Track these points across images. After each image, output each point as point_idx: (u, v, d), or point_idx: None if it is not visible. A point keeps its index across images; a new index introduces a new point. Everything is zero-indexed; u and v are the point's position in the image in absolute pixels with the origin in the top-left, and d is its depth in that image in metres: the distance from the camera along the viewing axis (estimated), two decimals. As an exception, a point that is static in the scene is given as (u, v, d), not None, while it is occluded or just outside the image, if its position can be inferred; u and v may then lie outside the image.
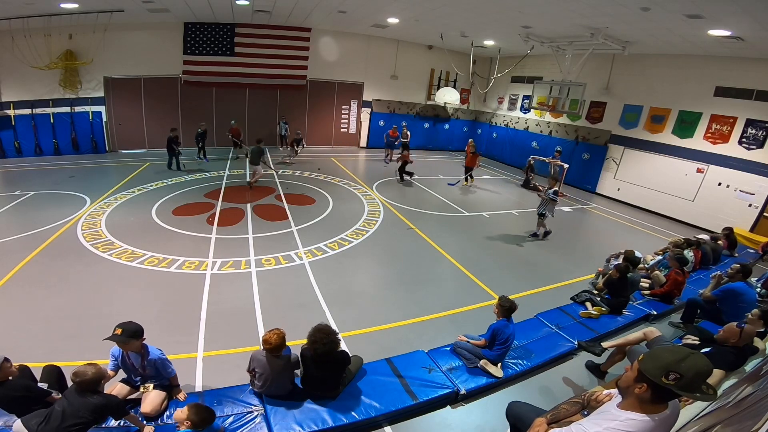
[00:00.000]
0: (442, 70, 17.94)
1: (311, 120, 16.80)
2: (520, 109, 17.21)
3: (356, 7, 11.34)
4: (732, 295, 5.17)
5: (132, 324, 3.18)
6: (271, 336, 3.34)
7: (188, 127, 14.82)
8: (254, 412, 3.37)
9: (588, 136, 14.08)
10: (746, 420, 1.80)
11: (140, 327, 3.20)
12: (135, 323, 3.20)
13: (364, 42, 16.08)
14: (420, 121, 18.60)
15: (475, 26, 11.95)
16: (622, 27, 9.19)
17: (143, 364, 3.26)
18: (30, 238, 6.74)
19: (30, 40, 11.15)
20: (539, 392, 4.14)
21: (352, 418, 3.40)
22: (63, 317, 4.71)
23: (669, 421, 1.82)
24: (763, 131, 9.68)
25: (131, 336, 3.12)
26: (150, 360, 3.26)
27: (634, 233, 10.11)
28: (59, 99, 12.36)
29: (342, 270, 6.53)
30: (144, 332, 3.21)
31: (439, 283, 6.42)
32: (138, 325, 3.20)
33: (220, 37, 13.81)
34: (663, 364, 1.73)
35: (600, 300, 5.63)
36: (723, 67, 10.19)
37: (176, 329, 4.68)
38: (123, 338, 3.09)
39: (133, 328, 3.16)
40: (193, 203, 9.07)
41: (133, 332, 3.14)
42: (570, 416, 2.37)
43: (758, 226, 9.82)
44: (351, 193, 10.87)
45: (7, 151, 12.01)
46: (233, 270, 6.15)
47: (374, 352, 4.36)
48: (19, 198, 8.58)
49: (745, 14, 6.78)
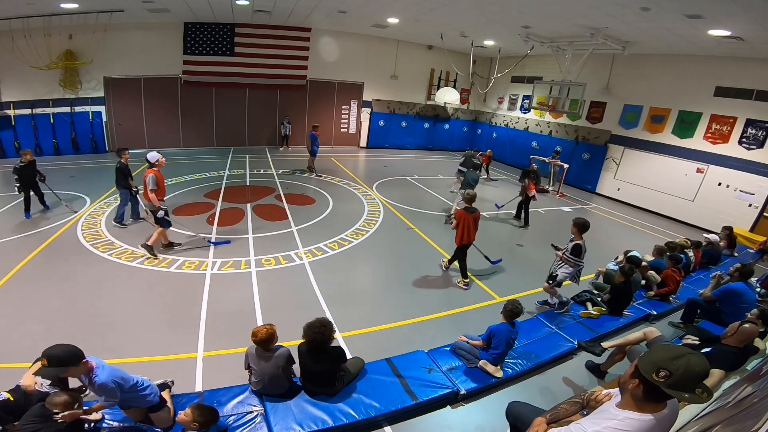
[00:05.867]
0: (442, 70, 17.95)
1: (311, 120, 16.76)
2: (520, 109, 17.21)
3: (356, 7, 11.34)
4: (732, 295, 5.17)
5: (58, 349, 2.49)
6: (260, 329, 3.37)
7: (189, 127, 14.89)
8: (254, 412, 3.37)
9: (588, 136, 14.09)
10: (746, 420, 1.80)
11: (72, 351, 2.52)
12: (64, 346, 2.53)
13: (364, 42, 16.09)
14: (420, 121, 18.62)
15: (475, 26, 11.95)
16: (622, 27, 9.18)
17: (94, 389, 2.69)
18: (30, 238, 6.74)
19: (30, 40, 11.15)
20: (539, 392, 4.14)
21: (352, 417, 3.40)
22: (63, 317, 4.72)
23: (668, 421, 1.81)
24: (763, 131, 9.68)
25: (60, 364, 2.46)
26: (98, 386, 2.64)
27: (634, 233, 10.11)
28: (59, 99, 12.37)
29: (342, 270, 6.52)
30: (82, 355, 2.57)
31: (439, 283, 6.42)
32: (68, 349, 2.51)
33: (220, 37, 13.82)
34: (655, 360, 1.71)
35: (601, 300, 5.63)
36: (723, 67, 10.19)
37: (176, 329, 4.68)
38: (51, 371, 2.46)
39: (59, 355, 2.45)
40: (193, 203, 9.07)
41: (62, 360, 2.46)
42: (569, 416, 2.36)
43: (758, 226, 9.82)
44: (351, 193, 10.87)
45: (7, 151, 12.01)
46: (233, 270, 6.15)
47: (374, 352, 4.36)
48: (19, 198, 8.57)
49: (745, 14, 6.78)
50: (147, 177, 6.14)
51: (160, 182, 6.27)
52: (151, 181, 6.11)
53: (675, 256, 6.32)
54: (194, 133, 15.02)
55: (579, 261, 5.30)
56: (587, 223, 5.30)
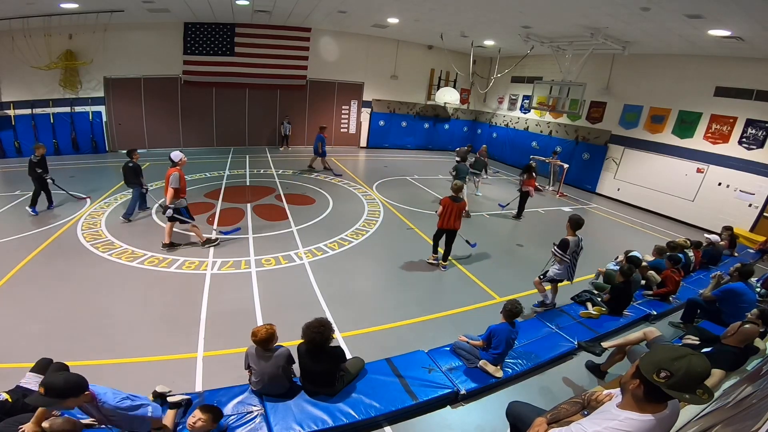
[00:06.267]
0: (442, 70, 17.95)
1: (311, 120, 16.80)
2: (520, 109, 17.21)
3: (356, 7, 11.34)
4: (732, 295, 5.17)
5: (60, 378, 2.21)
6: (260, 329, 3.38)
7: (189, 127, 14.89)
8: (254, 412, 3.37)
9: (588, 136, 14.09)
10: (746, 420, 1.80)
11: (75, 381, 2.22)
12: (68, 375, 2.29)
13: (364, 42, 16.09)
14: (420, 121, 18.62)
15: (475, 26, 11.95)
16: (622, 27, 9.18)
17: (102, 417, 2.40)
18: (30, 238, 6.74)
19: (30, 40, 11.15)
20: (539, 392, 4.14)
21: (352, 417, 3.40)
22: (63, 317, 4.71)
23: (668, 421, 1.81)
24: (763, 131, 9.68)
25: (60, 396, 2.14)
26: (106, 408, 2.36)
27: (634, 233, 10.11)
28: (59, 99, 12.36)
29: (342, 270, 6.52)
30: (85, 385, 2.27)
31: (439, 283, 6.42)
32: (71, 378, 2.23)
33: (220, 37, 13.81)
34: (656, 360, 1.70)
35: (600, 300, 5.63)
36: (723, 67, 10.19)
37: (176, 329, 4.68)
38: (49, 400, 2.14)
39: (59, 386, 2.14)
40: (193, 203, 9.02)
41: (62, 391, 2.14)
42: (570, 416, 2.36)
43: (758, 226, 9.82)
44: (351, 193, 10.87)
45: (7, 151, 12.01)
46: (233, 270, 6.15)
47: (374, 352, 4.35)
48: (19, 198, 8.58)
49: (745, 14, 6.77)
50: (170, 175, 6.31)
51: (182, 180, 6.47)
52: (174, 179, 6.30)
53: (674, 257, 6.33)
54: (194, 133, 15.01)
55: (564, 256, 5.22)
56: (581, 220, 5.32)
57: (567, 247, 5.22)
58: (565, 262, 5.28)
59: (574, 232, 5.29)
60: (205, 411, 2.95)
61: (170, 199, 6.34)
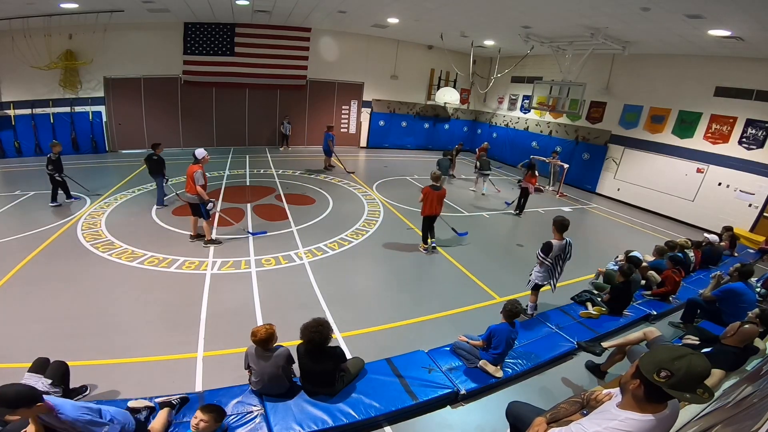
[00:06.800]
0: (442, 70, 17.94)
1: (311, 120, 16.81)
2: (520, 109, 17.21)
3: (356, 7, 11.34)
4: (732, 295, 5.17)
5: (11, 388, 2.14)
6: (260, 329, 3.38)
7: (189, 127, 14.89)
8: (254, 412, 3.37)
9: (588, 136, 14.09)
10: (746, 420, 1.80)
11: (25, 392, 2.16)
12: (19, 386, 2.21)
13: (364, 42, 16.09)
14: (420, 121, 18.61)
15: (475, 26, 11.95)
16: (622, 27, 9.18)
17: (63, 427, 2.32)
18: (30, 238, 6.74)
19: (30, 40, 11.15)
20: (539, 392, 4.14)
21: (352, 417, 3.40)
22: (63, 317, 4.71)
23: (668, 421, 1.81)
24: (763, 131, 9.68)
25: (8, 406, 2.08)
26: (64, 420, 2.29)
27: (635, 233, 10.11)
28: (59, 99, 12.36)
29: (342, 270, 6.52)
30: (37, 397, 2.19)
31: (439, 283, 6.42)
32: (21, 389, 2.17)
33: (220, 37, 13.82)
34: (656, 360, 1.71)
35: (600, 300, 5.63)
36: (723, 67, 10.19)
37: (176, 329, 4.68)
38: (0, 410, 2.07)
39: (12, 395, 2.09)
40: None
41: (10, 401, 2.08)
42: (569, 415, 2.36)
43: (758, 226, 9.82)
44: (351, 193, 10.87)
45: (7, 151, 12.01)
46: (233, 270, 6.15)
47: (374, 352, 4.36)
48: (19, 198, 8.58)
49: (745, 14, 6.78)
50: (195, 173, 6.46)
51: (203, 177, 6.60)
52: (199, 177, 6.47)
53: (674, 257, 6.34)
54: (194, 133, 15.00)
55: (546, 259, 5.02)
56: (566, 221, 5.00)
57: (550, 250, 4.96)
58: (546, 264, 5.06)
59: (560, 235, 5.03)
60: (207, 411, 2.95)
61: (205, 196, 6.55)
